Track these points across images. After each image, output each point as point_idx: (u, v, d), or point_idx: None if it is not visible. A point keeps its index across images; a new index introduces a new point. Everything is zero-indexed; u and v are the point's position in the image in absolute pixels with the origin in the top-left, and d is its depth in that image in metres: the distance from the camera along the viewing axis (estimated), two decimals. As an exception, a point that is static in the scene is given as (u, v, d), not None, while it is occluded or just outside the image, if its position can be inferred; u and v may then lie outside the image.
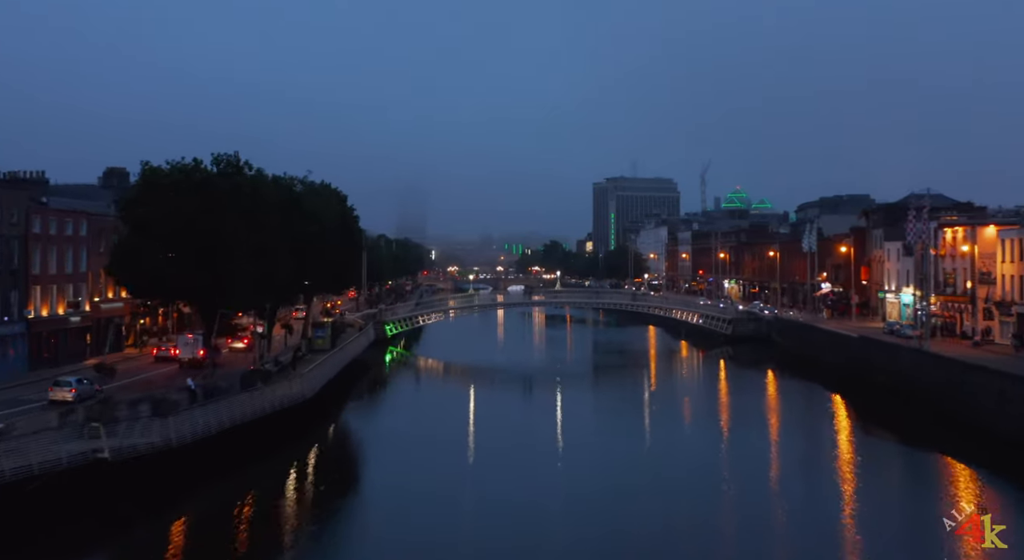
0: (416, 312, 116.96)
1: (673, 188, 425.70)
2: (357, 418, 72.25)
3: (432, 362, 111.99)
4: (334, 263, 79.91)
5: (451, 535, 39.81)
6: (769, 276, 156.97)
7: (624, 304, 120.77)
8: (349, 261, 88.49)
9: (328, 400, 67.76)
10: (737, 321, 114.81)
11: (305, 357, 75.73)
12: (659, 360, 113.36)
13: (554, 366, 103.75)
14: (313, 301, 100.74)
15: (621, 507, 43.82)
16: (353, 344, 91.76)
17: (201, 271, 54.31)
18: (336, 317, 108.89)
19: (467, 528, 41.29)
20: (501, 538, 38.99)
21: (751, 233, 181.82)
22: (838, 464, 54.29)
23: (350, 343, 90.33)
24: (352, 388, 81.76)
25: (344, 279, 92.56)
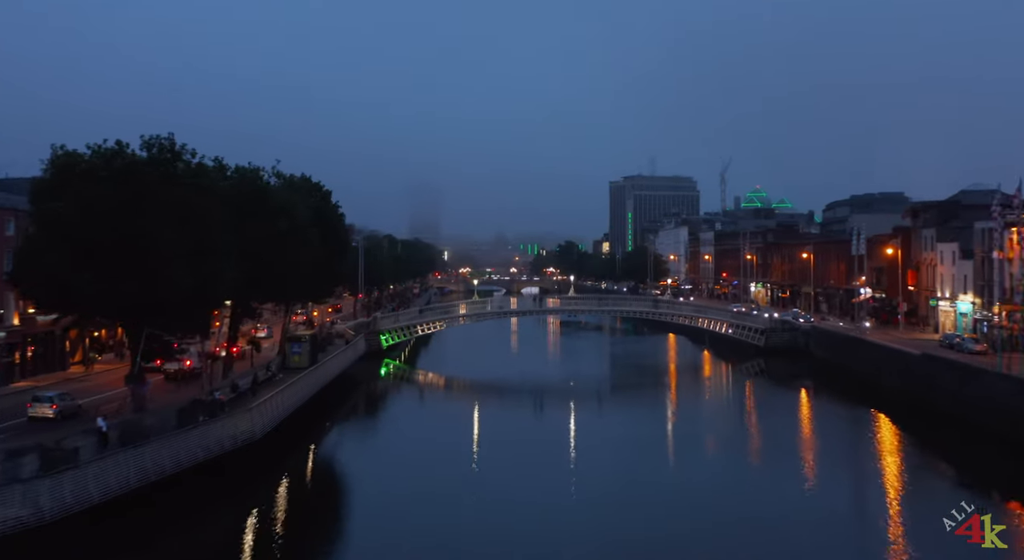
0: (415, 321, 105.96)
1: (693, 187, 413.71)
2: (322, 462, 58.00)
3: (432, 377, 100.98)
4: (310, 266, 68.85)
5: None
6: (801, 280, 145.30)
7: (646, 312, 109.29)
8: (332, 263, 77.50)
9: (291, 436, 56.15)
10: (771, 331, 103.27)
11: (275, 378, 64.98)
12: (683, 376, 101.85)
13: (567, 382, 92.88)
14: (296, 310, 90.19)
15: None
16: (337, 359, 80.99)
17: (123, 280, 43.31)
18: (323, 327, 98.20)
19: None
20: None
21: (779, 233, 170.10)
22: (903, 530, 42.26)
23: (333, 358, 79.53)
24: (327, 416, 70.15)
25: (327, 284, 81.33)
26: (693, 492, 48.97)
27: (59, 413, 47.81)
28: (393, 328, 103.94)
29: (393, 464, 55.43)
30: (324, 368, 75.29)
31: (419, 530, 40.43)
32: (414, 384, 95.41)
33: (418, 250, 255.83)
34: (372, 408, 79.75)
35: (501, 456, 57.14)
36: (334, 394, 74.47)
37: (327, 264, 76.86)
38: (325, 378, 74.10)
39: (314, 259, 71.14)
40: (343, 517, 44.76)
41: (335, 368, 78.87)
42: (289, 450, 54.63)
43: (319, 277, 76.26)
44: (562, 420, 71.67)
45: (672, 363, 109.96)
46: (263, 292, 64.89)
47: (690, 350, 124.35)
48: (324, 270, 76.45)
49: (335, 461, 58.07)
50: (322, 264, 74.81)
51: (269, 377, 64.92)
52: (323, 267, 75.61)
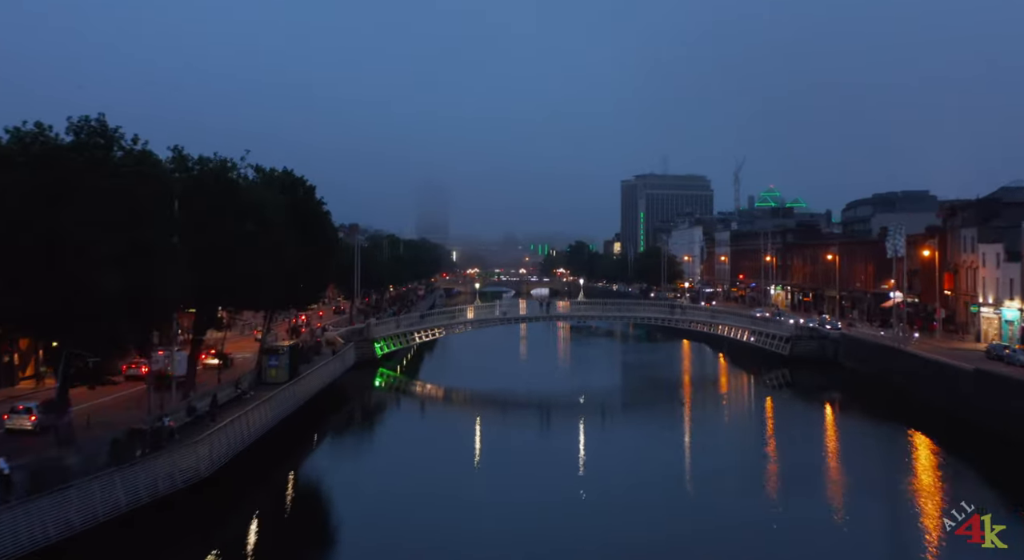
0: (412, 328, 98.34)
1: (706, 186, 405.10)
2: (287, 500, 48.55)
3: (430, 389, 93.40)
4: (289, 269, 61.44)
5: None
6: (824, 282, 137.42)
7: (661, 319, 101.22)
8: (317, 265, 70.09)
9: (252, 468, 48.06)
10: (796, 339, 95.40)
11: (245, 396, 57.58)
12: (700, 389, 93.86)
13: (576, 397, 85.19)
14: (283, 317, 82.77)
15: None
16: (322, 372, 73.54)
17: (36, 286, 35.82)
18: (313, 334, 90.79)
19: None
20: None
21: (800, 233, 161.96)
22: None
23: (317, 371, 72.06)
24: (303, 440, 61.92)
25: (311, 288, 73.75)
26: (709, 526, 42.57)
27: (38, 425, 43.84)
28: (388, 335, 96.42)
29: (377, 498, 47.78)
30: (306, 382, 67.85)
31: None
32: (409, 397, 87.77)
33: (424, 250, 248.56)
34: (356, 428, 71.87)
35: (500, 486, 50.36)
36: (315, 412, 66.78)
37: (310, 266, 69.46)
38: (306, 394, 66.60)
39: (294, 261, 63.79)
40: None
41: (319, 382, 71.38)
42: (245, 488, 46.22)
43: (301, 281, 68.91)
44: (569, 441, 64.30)
45: (688, 374, 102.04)
46: (232, 298, 57.32)
47: (707, 359, 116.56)
48: (307, 273, 69.07)
49: (304, 498, 49.93)
50: (304, 266, 67.40)
51: (238, 395, 57.60)
52: (306, 270, 68.22)
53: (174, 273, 41.69)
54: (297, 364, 68.97)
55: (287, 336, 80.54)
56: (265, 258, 54.90)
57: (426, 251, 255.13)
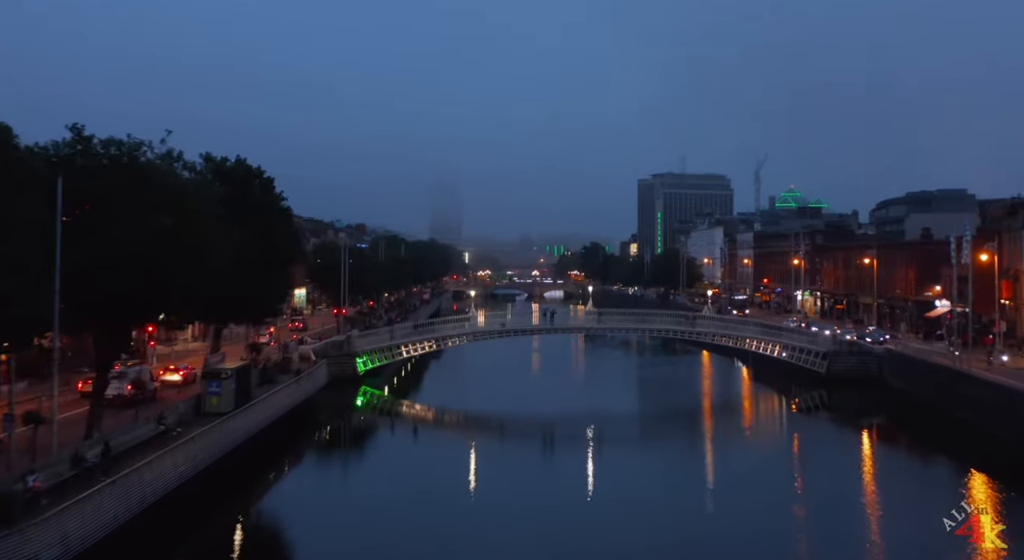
0: (400, 340, 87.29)
1: (726, 185, 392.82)
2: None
3: (419, 410, 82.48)
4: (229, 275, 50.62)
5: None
6: (858, 288, 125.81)
7: (680, 332, 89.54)
8: (271, 270, 59.48)
9: (137, 548, 35.85)
10: (834, 355, 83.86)
11: (170, 434, 46.76)
12: (722, 412, 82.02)
13: (584, 419, 74.14)
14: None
15: None
16: (281, 396, 62.71)
17: None
18: (283, 350, 79.97)
19: None
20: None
21: (830, 234, 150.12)
22: None
23: (273, 396, 61.22)
24: (238, 489, 48.95)
25: (267, 298, 62.73)
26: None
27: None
28: (372, 349, 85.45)
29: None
30: (257, 411, 57.12)
31: None
32: (393, 421, 76.56)
33: (430, 251, 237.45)
34: (317, 464, 60.31)
35: (494, 527, 42.80)
36: (265, 448, 55.68)
37: (265, 271, 58.78)
38: (256, 425, 55.80)
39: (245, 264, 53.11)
40: None
41: (275, 408, 60.54)
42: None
43: (253, 288, 58.11)
44: (574, 472, 55.37)
45: (708, 395, 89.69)
46: (143, 312, 46.20)
47: (730, 375, 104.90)
48: (260, 279, 58.35)
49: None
50: (256, 271, 56.71)
51: (161, 432, 46.81)
52: (258, 275, 57.51)
53: (27, 285, 30.85)
54: (249, 388, 58.27)
55: (246, 353, 69.54)
56: (189, 261, 43.83)
57: (433, 252, 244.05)
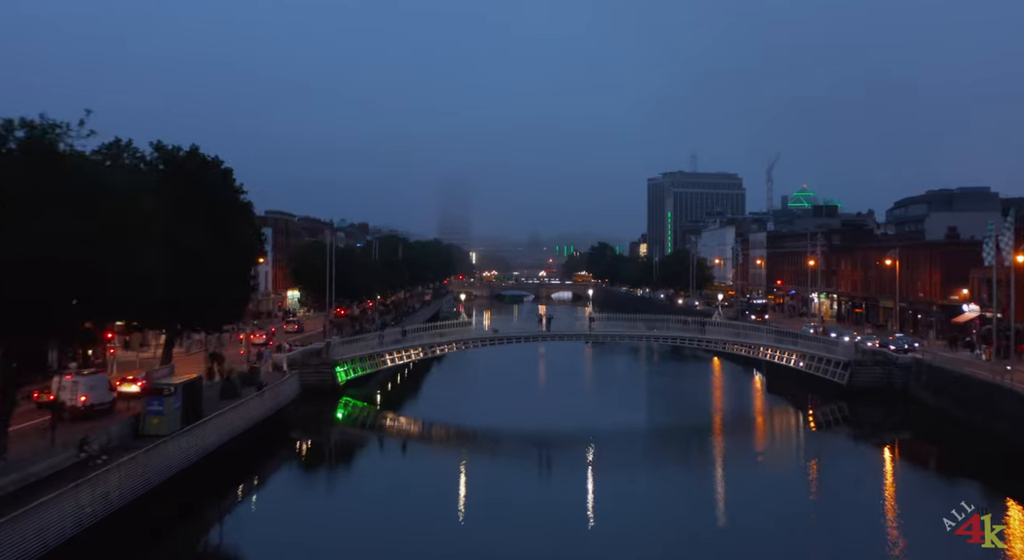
0: (384, 348, 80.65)
1: (738, 184, 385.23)
2: None
3: (404, 424, 75.76)
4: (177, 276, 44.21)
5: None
6: (878, 291, 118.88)
7: (689, 340, 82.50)
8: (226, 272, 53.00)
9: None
10: (856, 365, 76.92)
11: (93, 462, 40.20)
12: (734, 426, 74.60)
13: (585, 433, 67.69)
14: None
15: None
16: (240, 412, 56.10)
17: None
18: (256, 359, 73.45)
19: None
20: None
21: (848, 234, 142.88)
22: None
23: (233, 411, 54.69)
24: (163, 531, 41.24)
25: (225, 301, 56.12)
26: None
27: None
28: (354, 357, 78.88)
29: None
30: (210, 429, 50.60)
31: None
32: (371, 437, 69.84)
33: (433, 251, 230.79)
34: (271, 492, 52.31)
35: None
36: (213, 473, 48.95)
37: (219, 273, 52.28)
38: (204, 447, 49.22)
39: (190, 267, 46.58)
40: None
41: (232, 427, 53.94)
42: None
43: (203, 291, 51.63)
44: (573, 493, 49.81)
45: (718, 409, 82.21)
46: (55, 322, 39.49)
47: (742, 384, 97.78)
48: (212, 281, 51.85)
49: None
50: (207, 274, 50.22)
51: (82, 460, 40.30)
52: (210, 278, 51.03)
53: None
54: (200, 405, 51.76)
55: (209, 364, 62.86)
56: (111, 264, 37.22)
57: (436, 251, 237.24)
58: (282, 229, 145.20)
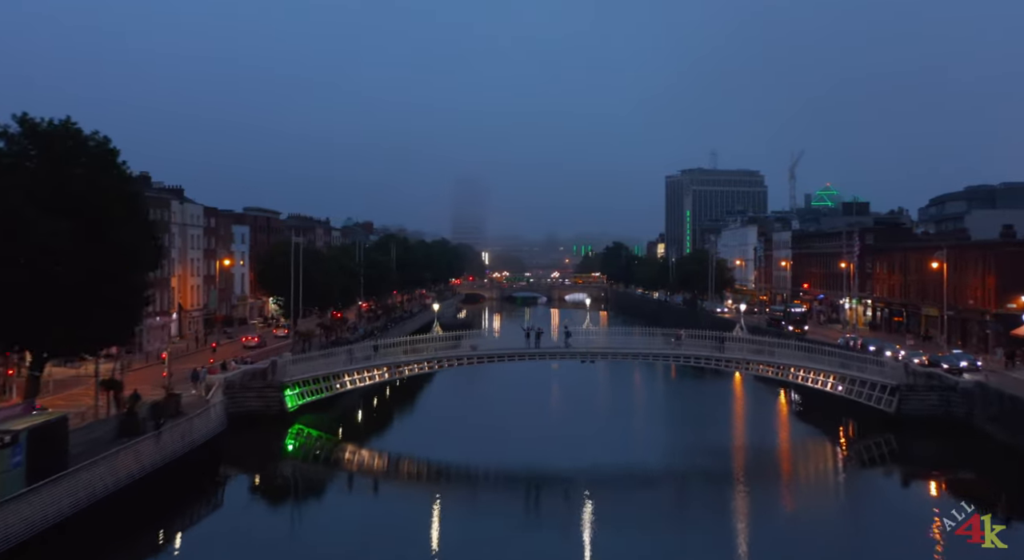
0: (344, 368, 68.12)
1: (760, 182, 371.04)
2: None
3: (365, 458, 63.60)
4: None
5: None
6: (920, 297, 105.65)
7: (706, 359, 69.17)
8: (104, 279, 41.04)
9: None
10: (907, 390, 64.08)
11: None
12: (756, 468, 60.58)
13: (580, 470, 56.26)
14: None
15: None
16: (127, 456, 43.80)
17: None
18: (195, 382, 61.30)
19: None
20: None
21: (884, 234, 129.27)
22: None
23: (121, 455, 42.48)
24: None
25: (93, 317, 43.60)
26: None
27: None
28: (307, 378, 66.67)
29: None
30: (79, 483, 38.54)
31: None
32: (325, 476, 57.71)
33: (438, 251, 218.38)
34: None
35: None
36: (72, 540, 36.92)
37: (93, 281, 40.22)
38: (61, 509, 37.14)
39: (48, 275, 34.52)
40: None
41: (115, 476, 41.63)
42: None
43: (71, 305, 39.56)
44: (566, 543, 40.84)
45: (738, 443, 68.85)
46: None
47: (767, 409, 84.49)
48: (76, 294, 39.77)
49: None
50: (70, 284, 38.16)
51: None
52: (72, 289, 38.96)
53: None
54: (63, 453, 39.67)
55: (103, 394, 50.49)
56: None
57: (441, 252, 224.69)
58: (263, 227, 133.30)
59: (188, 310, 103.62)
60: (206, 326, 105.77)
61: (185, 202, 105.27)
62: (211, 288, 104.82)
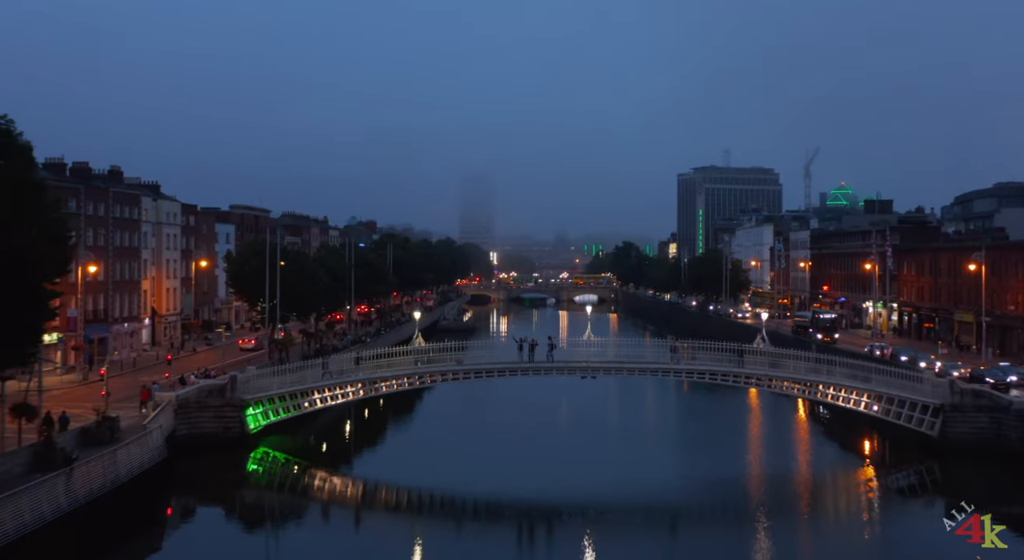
0: (314, 384, 60.53)
1: (774, 180, 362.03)
2: None
3: (338, 486, 56.37)
4: None
5: None
6: (953, 301, 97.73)
7: (721, 375, 61.00)
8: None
9: None
10: (951, 410, 56.17)
11: None
12: (776, 502, 52.59)
13: (579, 497, 50.07)
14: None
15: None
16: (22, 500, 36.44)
17: None
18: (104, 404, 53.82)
19: None
20: None
21: (910, 234, 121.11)
22: None
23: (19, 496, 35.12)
24: None
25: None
26: None
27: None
28: (272, 395, 59.15)
29: None
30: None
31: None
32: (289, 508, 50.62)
33: (440, 251, 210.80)
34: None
35: None
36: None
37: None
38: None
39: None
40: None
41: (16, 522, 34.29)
42: None
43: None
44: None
45: (755, 471, 60.57)
46: None
47: (790, 427, 76.68)
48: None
49: None
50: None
51: None
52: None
53: None
54: None
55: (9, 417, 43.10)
56: None
57: (443, 252, 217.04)
58: (251, 226, 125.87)
59: (163, 315, 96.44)
60: (184, 332, 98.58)
61: (160, 198, 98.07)
62: (186, 292, 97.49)
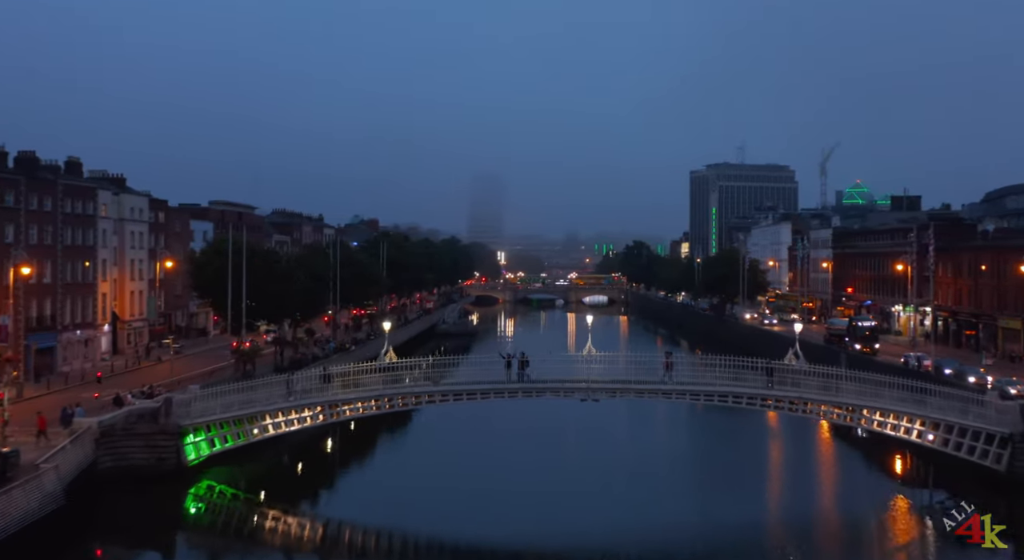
0: (264, 407, 51.72)
1: (790, 177, 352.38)
2: None
3: (294, 527, 47.68)
4: None
5: None
6: (996, 306, 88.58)
7: (745, 397, 51.63)
8: None
9: None
10: (1020, 440, 47.10)
11: None
12: (813, 549, 44.57)
13: (580, 537, 43.37)
14: None
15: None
16: None
17: None
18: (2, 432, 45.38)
19: None
20: None
21: (944, 232, 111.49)
22: None
23: None
24: None
25: None
26: None
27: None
28: (215, 421, 50.40)
29: None
30: None
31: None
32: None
33: (441, 250, 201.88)
34: None
35: None
36: None
37: None
38: None
39: None
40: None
41: None
42: None
43: None
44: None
45: (785, 497, 51.58)
46: None
47: (818, 449, 67.76)
48: None
49: None
50: None
51: None
52: None
53: None
54: None
55: None
56: None
57: (445, 251, 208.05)
58: (233, 224, 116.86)
59: (126, 320, 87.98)
60: (152, 339, 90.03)
61: (125, 193, 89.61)
62: (151, 295, 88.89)
